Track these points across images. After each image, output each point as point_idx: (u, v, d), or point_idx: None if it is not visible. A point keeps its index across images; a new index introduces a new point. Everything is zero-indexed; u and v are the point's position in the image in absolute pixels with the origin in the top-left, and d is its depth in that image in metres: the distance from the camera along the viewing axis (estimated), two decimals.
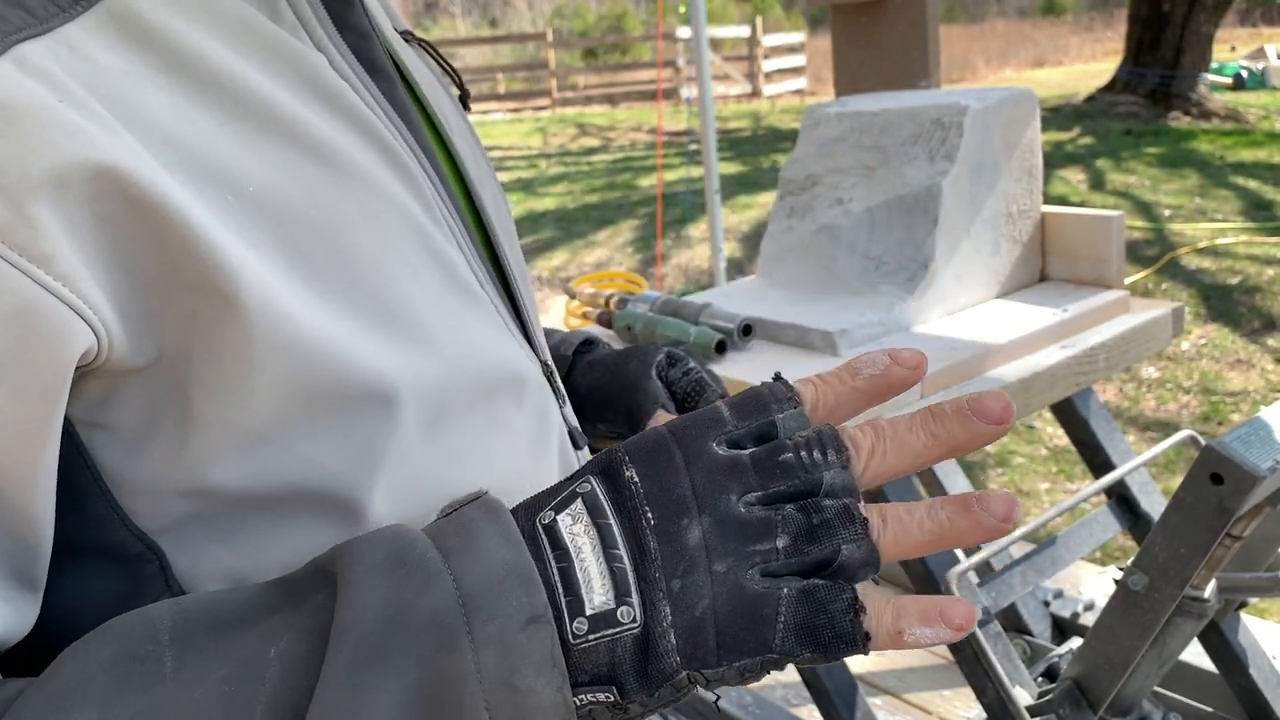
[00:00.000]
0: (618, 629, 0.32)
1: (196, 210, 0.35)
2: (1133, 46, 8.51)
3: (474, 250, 0.48)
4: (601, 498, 0.34)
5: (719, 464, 0.35)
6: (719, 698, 0.38)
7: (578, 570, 0.33)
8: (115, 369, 0.36)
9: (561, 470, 0.52)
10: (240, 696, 0.31)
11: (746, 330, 1.12)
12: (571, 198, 6.97)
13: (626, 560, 0.33)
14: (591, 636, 0.32)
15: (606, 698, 0.33)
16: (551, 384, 0.52)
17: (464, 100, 0.58)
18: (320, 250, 0.39)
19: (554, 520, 0.34)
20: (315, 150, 0.40)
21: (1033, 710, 0.98)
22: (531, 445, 0.49)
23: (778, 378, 0.39)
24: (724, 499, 0.34)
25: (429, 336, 0.42)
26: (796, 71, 13.23)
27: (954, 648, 1.05)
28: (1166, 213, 5.24)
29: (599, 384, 0.66)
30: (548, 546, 0.34)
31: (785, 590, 0.33)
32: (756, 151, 7.98)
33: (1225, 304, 3.99)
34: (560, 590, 0.33)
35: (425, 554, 0.32)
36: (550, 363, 0.54)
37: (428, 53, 0.56)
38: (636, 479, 0.34)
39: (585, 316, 1.29)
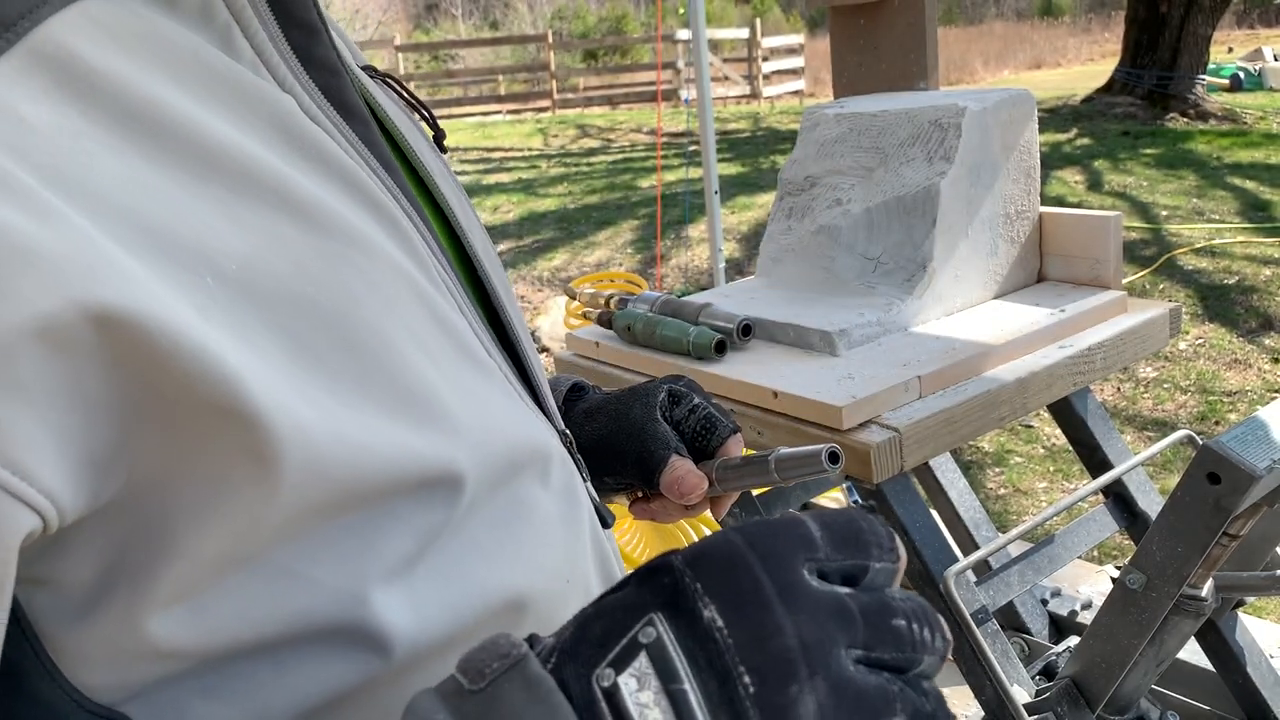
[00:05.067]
0: None
1: (173, 306, 0.29)
2: (1130, 48, 8.52)
3: (474, 311, 0.42)
4: (671, 651, 0.26)
5: (824, 606, 0.27)
6: None
7: None
8: (64, 525, 0.30)
9: (596, 559, 0.45)
10: None
11: (746, 330, 1.13)
12: (572, 198, 6.98)
13: None
14: None
15: None
16: (572, 455, 0.47)
17: (439, 141, 0.51)
18: (322, 334, 0.33)
19: (615, 685, 0.26)
20: (300, 212, 0.34)
21: (1030, 708, 0.98)
22: (564, 531, 0.43)
23: (873, 510, 0.33)
24: (835, 655, 0.27)
25: (450, 419, 0.36)
26: (795, 73, 13.24)
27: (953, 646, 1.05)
28: (1164, 213, 5.24)
29: (603, 434, 0.59)
30: None
31: None
32: (755, 153, 7.99)
33: (1222, 304, 4.00)
34: None
35: None
36: (568, 431, 0.49)
37: (393, 89, 0.50)
38: (720, 623, 0.26)
39: (585, 316, 1.29)
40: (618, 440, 0.59)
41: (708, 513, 0.62)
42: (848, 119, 1.26)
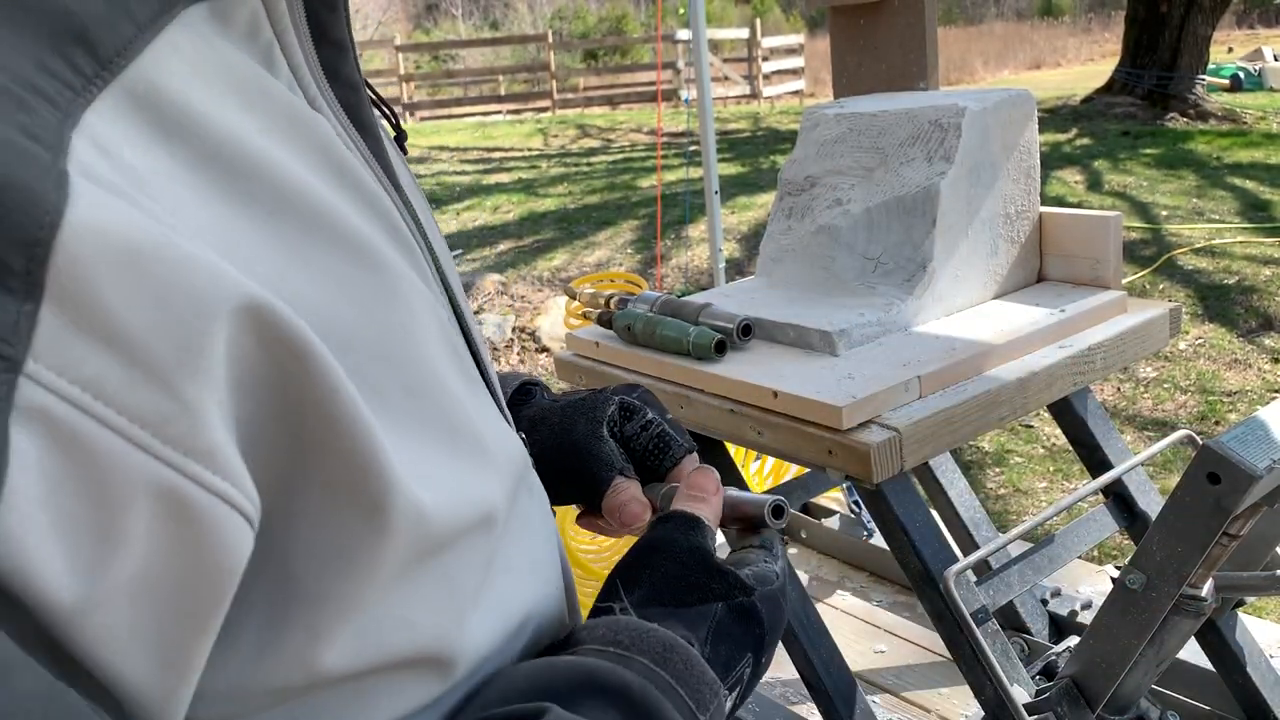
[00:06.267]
0: None
1: (329, 355, 0.29)
2: (1130, 48, 8.53)
3: (457, 327, 0.42)
4: (750, 682, 0.45)
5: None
6: None
7: None
8: None
9: (560, 556, 0.48)
10: None
11: (746, 330, 1.13)
12: (572, 198, 6.98)
13: None
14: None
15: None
16: (529, 451, 0.48)
17: (400, 142, 0.49)
18: (388, 377, 0.34)
19: (724, 697, 0.42)
20: (355, 249, 0.34)
21: (1030, 708, 0.98)
22: (548, 537, 0.45)
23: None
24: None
25: (485, 446, 0.38)
26: (795, 73, 13.25)
27: (952, 646, 1.05)
28: (1164, 213, 5.24)
29: (545, 451, 0.56)
30: None
31: None
32: (756, 153, 7.99)
33: (1222, 304, 4.00)
34: None
35: None
36: (523, 435, 0.50)
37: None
38: (764, 660, 0.46)
39: (585, 316, 1.29)
40: (559, 457, 0.56)
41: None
42: (848, 119, 1.27)
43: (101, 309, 0.24)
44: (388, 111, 0.48)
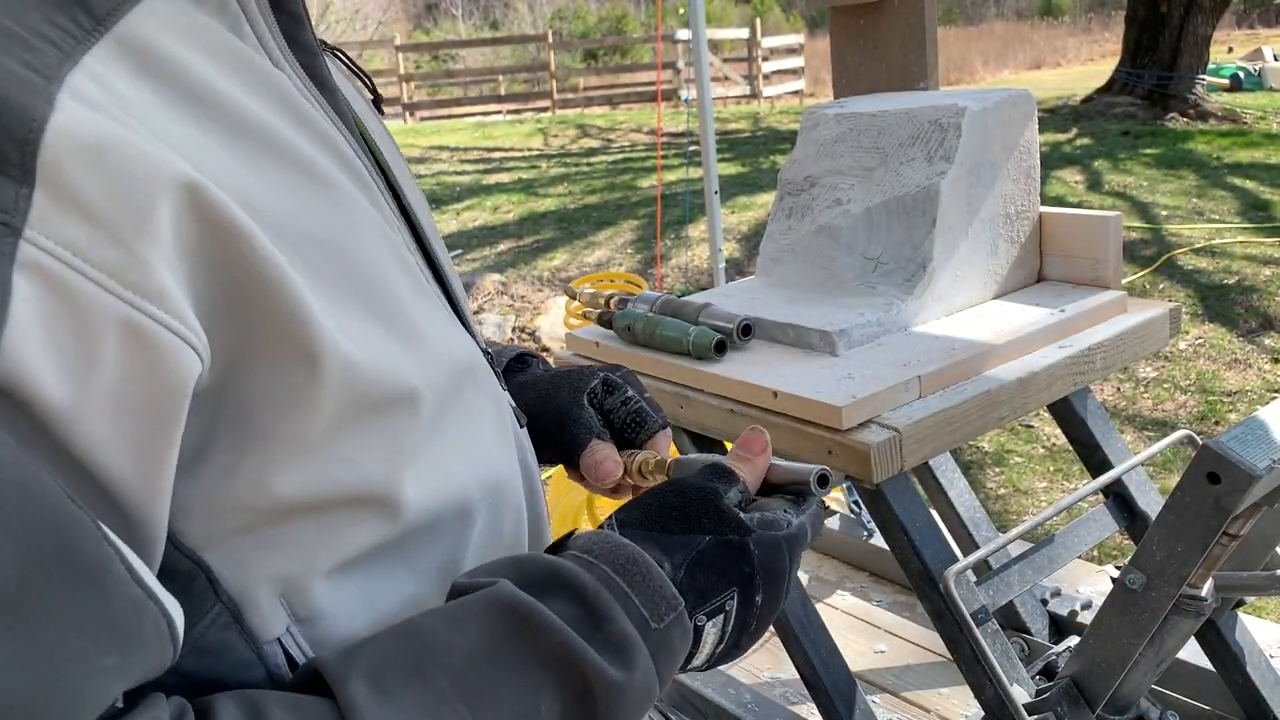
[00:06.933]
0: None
1: (256, 227, 0.37)
2: (1130, 48, 8.53)
3: (414, 247, 0.51)
4: (736, 615, 0.48)
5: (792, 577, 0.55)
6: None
7: None
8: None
9: (517, 452, 0.54)
10: None
11: (746, 330, 1.13)
12: (572, 198, 6.98)
13: None
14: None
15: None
16: (492, 366, 0.56)
17: (377, 105, 0.59)
18: (334, 266, 0.42)
19: (703, 626, 0.47)
20: (307, 169, 0.42)
21: (1030, 708, 0.98)
22: (496, 429, 0.52)
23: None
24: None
25: (422, 335, 0.46)
26: (795, 73, 13.25)
27: (952, 646, 1.05)
28: (1164, 213, 5.24)
29: (531, 411, 0.64)
30: None
31: None
32: (756, 153, 7.99)
33: (1222, 304, 4.00)
34: None
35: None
36: (486, 347, 0.58)
37: (339, 59, 0.58)
38: (759, 600, 0.49)
39: (585, 316, 1.29)
40: (542, 419, 0.63)
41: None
42: (848, 119, 1.27)
43: (76, 190, 0.32)
44: (364, 79, 0.58)
